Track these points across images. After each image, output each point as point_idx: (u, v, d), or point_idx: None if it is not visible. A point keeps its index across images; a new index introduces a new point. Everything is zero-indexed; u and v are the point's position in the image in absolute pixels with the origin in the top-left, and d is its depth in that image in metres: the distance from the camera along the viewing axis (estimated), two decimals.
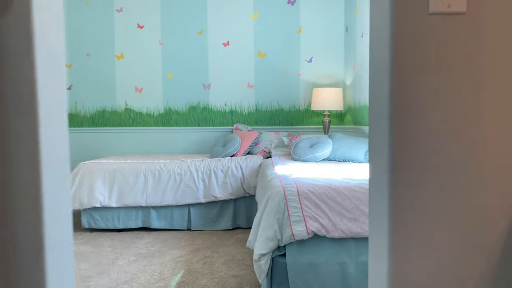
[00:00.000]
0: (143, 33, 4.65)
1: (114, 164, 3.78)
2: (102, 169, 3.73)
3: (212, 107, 4.74)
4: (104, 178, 3.71)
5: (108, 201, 3.68)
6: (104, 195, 3.69)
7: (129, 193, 3.70)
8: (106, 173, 3.72)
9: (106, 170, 3.73)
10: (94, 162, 3.82)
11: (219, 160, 3.87)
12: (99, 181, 3.70)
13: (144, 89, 4.69)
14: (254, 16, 4.67)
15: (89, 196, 3.65)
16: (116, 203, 3.69)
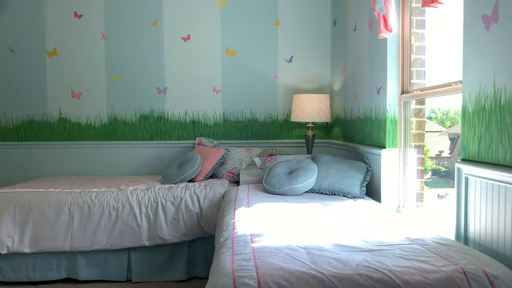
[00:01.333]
0: (81, 24, 3.70)
1: (29, 194, 2.84)
2: (13, 202, 2.79)
3: (169, 117, 3.82)
4: (15, 215, 2.77)
5: (18, 245, 2.74)
6: (14, 237, 2.74)
7: (47, 234, 2.77)
8: (18, 207, 2.78)
9: (18, 204, 2.79)
10: (3, 191, 2.87)
11: (170, 188, 2.96)
12: (8, 219, 2.75)
13: (83, 94, 3.74)
14: (221, 4, 3.77)
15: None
16: (30, 247, 2.76)
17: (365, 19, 2.81)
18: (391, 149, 2.47)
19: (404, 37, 2.42)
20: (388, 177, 2.47)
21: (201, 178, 3.23)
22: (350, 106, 3.24)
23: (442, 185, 2.66)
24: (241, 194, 2.48)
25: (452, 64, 2.44)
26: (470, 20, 1.56)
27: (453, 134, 2.60)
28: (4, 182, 3.66)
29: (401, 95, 2.45)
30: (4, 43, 3.65)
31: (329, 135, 3.91)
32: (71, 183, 3.19)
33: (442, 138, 2.73)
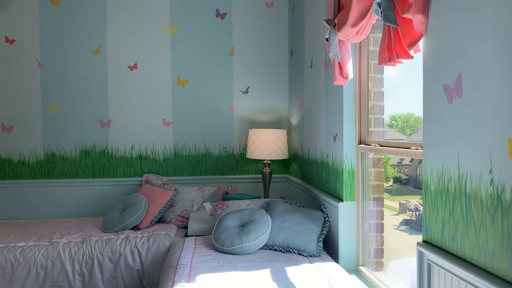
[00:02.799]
0: (14, 50, 3.33)
1: None
2: None
3: (114, 152, 3.49)
4: None
5: None
6: None
7: None
8: None
9: None
10: None
11: (108, 241, 2.65)
12: None
13: (15, 128, 3.36)
14: (171, 30, 3.51)
15: None
16: None
17: (321, 58, 2.64)
18: (349, 202, 2.28)
19: (361, 82, 2.26)
20: (346, 233, 2.29)
21: (146, 224, 2.93)
22: (307, 145, 3.06)
23: (403, 193, 2.52)
24: (185, 255, 2.21)
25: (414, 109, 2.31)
26: (431, 88, 1.39)
27: (414, 142, 2.45)
28: None
29: (358, 145, 2.27)
30: None
31: (287, 170, 3.71)
32: None
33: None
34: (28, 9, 3.32)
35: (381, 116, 2.28)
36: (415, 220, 2.29)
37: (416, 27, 1.37)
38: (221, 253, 2.28)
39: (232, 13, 3.58)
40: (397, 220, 2.44)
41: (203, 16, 3.54)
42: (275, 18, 3.64)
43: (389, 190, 2.43)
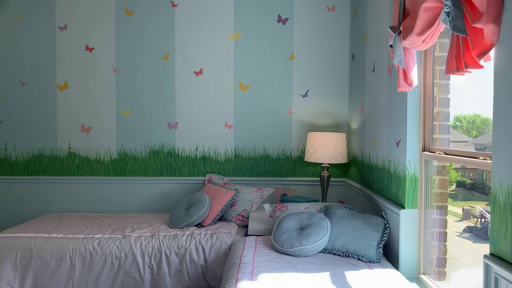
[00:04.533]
0: (93, 57, 3.64)
1: (31, 241, 2.75)
2: (15, 247, 2.71)
3: (180, 152, 3.70)
4: (16, 262, 2.69)
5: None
6: (14, 286, 2.66)
7: (48, 283, 2.68)
8: (19, 254, 2.70)
9: (20, 250, 2.71)
10: (5, 236, 2.80)
11: (175, 237, 2.83)
12: (8, 266, 2.68)
13: (93, 129, 3.67)
14: (234, 37, 3.65)
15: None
16: None
17: (384, 63, 2.62)
18: (411, 209, 2.26)
19: (426, 88, 2.23)
20: (407, 240, 2.26)
21: (209, 222, 3.09)
22: (368, 150, 3.05)
23: (467, 198, 2.43)
24: (246, 254, 2.32)
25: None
26: (502, 99, 1.36)
27: (480, 145, 2.37)
28: (13, 216, 3.63)
29: (422, 152, 2.24)
30: (16, 77, 3.62)
31: (345, 174, 3.71)
32: (75, 225, 3.10)
33: (468, 148, 2.50)
34: (106, 19, 3.61)
35: (446, 123, 2.23)
36: (480, 227, 2.21)
37: (487, 36, 1.35)
38: (281, 254, 2.36)
39: (294, 18, 3.65)
40: (460, 227, 2.36)
41: (265, 23, 3.64)
42: (336, 22, 3.65)
43: (452, 195, 2.36)
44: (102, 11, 3.61)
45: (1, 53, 3.61)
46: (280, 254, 2.35)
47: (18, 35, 3.61)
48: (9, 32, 3.61)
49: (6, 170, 3.66)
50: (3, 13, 3.58)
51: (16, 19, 3.60)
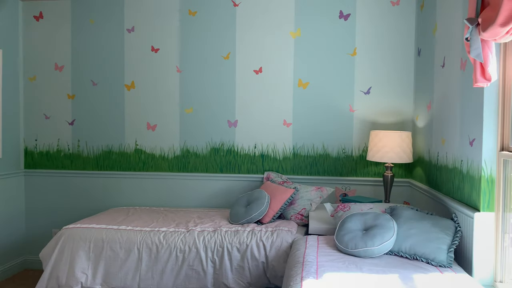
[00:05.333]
0: (158, 57, 3.79)
1: (103, 232, 2.92)
2: (88, 238, 2.90)
3: (239, 150, 3.75)
4: (89, 251, 2.87)
5: (91, 282, 2.83)
6: (87, 273, 2.84)
7: (117, 273, 2.83)
8: (92, 244, 2.87)
9: (93, 240, 2.88)
10: (80, 227, 2.99)
11: (236, 233, 2.87)
12: (83, 255, 2.86)
13: (158, 127, 3.82)
14: (295, 35, 3.63)
15: (68, 274, 2.82)
16: (102, 285, 2.83)
17: (456, 57, 2.48)
18: (487, 213, 2.12)
19: (506, 84, 2.08)
20: (481, 245, 2.13)
21: (268, 219, 3.10)
22: (435, 149, 2.90)
23: None
24: (309, 253, 2.30)
25: None
26: None
27: None
28: (84, 208, 3.88)
29: (500, 151, 2.09)
30: (88, 77, 3.86)
31: (410, 175, 3.56)
32: (142, 218, 3.25)
33: None
34: (170, 20, 3.74)
35: None
36: None
37: None
38: (344, 254, 2.31)
39: (356, 14, 3.56)
40: None
41: (326, 19, 3.59)
42: (400, 16, 3.51)
43: None
44: (167, 13, 3.75)
45: (76, 55, 3.86)
46: (343, 255, 2.31)
47: (90, 38, 3.84)
48: (83, 36, 3.85)
49: (79, 165, 3.91)
50: (78, 19, 3.83)
51: (89, 23, 3.84)
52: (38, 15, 3.89)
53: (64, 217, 3.90)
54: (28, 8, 3.89)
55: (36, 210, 3.97)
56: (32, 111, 3.94)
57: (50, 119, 3.92)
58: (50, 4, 3.86)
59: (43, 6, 3.88)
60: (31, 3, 3.88)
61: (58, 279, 2.84)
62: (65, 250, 2.87)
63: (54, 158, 3.93)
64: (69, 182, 3.91)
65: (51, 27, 3.88)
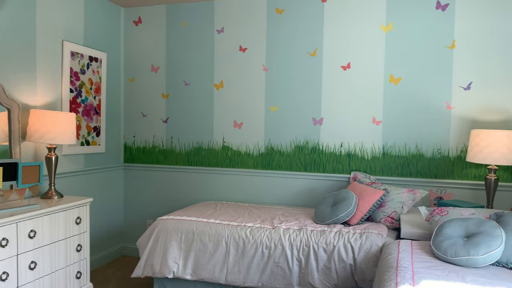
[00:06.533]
0: (245, 57, 3.87)
1: (193, 224, 3.06)
2: (180, 229, 3.05)
3: (324, 148, 3.68)
4: (181, 242, 3.01)
5: (182, 271, 2.97)
6: (179, 263, 2.99)
7: (206, 264, 2.93)
8: (184, 235, 3.02)
9: (184, 231, 3.03)
10: (173, 218, 3.16)
11: (323, 233, 2.81)
12: (175, 245, 3.01)
13: (244, 124, 3.90)
14: (386, 29, 3.46)
15: (161, 263, 3.00)
16: (192, 275, 2.96)
17: None
18: None
19: None
20: None
21: (356, 221, 2.99)
22: None
23: None
24: (403, 258, 2.16)
25: None
26: None
27: None
28: (176, 200, 4.10)
29: None
30: (181, 78, 4.07)
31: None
32: (229, 213, 3.34)
33: None
34: (258, 20, 3.80)
35: None
36: None
37: None
38: (443, 262, 2.14)
39: (455, 3, 3.28)
40: None
41: (420, 11, 3.36)
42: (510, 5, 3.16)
43: None
44: (255, 12, 3.80)
45: (170, 57, 4.10)
46: (441, 262, 2.14)
47: (183, 40, 4.05)
48: (177, 38, 4.07)
49: (171, 160, 4.14)
50: (172, 22, 4.05)
51: (182, 26, 4.05)
52: (137, 20, 4.19)
53: (157, 208, 4.17)
54: (129, 14, 4.22)
55: (132, 201, 4.29)
56: (131, 110, 4.27)
57: (147, 117, 4.21)
58: (148, 9, 4.14)
59: (141, 11, 4.17)
60: (131, 9, 4.20)
61: (152, 267, 3.02)
62: (159, 239, 3.05)
63: (150, 153, 4.21)
64: (163, 176, 4.17)
65: (148, 31, 4.16)
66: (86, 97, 3.71)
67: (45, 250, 2.70)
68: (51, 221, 2.74)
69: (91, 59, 3.76)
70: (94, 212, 3.81)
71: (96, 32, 3.83)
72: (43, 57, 3.23)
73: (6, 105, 2.84)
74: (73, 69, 3.54)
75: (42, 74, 3.23)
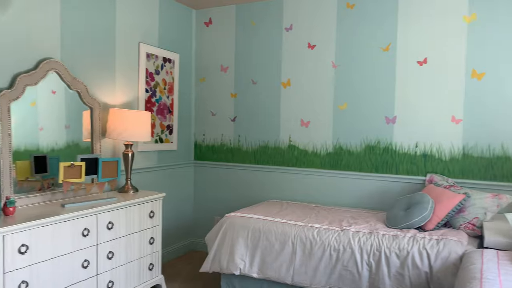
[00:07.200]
0: (314, 54, 3.80)
1: (260, 222, 3.06)
2: (246, 226, 3.07)
3: (397, 148, 3.49)
4: (247, 239, 3.03)
5: (249, 269, 2.99)
6: (245, 261, 3.01)
7: (272, 263, 2.92)
8: (250, 233, 3.03)
9: (251, 229, 3.04)
10: (240, 215, 3.19)
11: (395, 237, 2.66)
12: (241, 242, 3.04)
13: (311, 123, 3.83)
14: (469, 19, 3.20)
15: (229, 259, 3.04)
16: (258, 273, 2.97)
17: None
18: None
19: None
20: None
21: (432, 226, 2.80)
22: None
23: None
24: (488, 269, 1.97)
25: None
26: None
27: None
28: (242, 198, 4.15)
29: None
30: (248, 77, 4.10)
31: None
32: (295, 213, 3.30)
33: None
34: (328, 15, 3.71)
35: None
36: None
37: None
38: None
39: None
40: None
41: None
42: None
43: None
44: (324, 8, 3.72)
45: (238, 56, 4.15)
46: None
47: (251, 40, 4.08)
48: (245, 37, 4.11)
49: (239, 158, 4.19)
50: (241, 22, 4.10)
51: (250, 25, 4.08)
52: (208, 21, 4.30)
53: (224, 205, 4.25)
54: (200, 15, 4.34)
55: (201, 197, 4.41)
56: (201, 109, 4.39)
57: (216, 116, 4.30)
58: (218, 10, 4.23)
59: (212, 12, 4.27)
60: (202, 11, 4.32)
61: (220, 263, 3.08)
62: (227, 236, 3.09)
63: (218, 151, 4.30)
64: (230, 174, 4.23)
65: (218, 32, 4.25)
66: (160, 96, 3.88)
67: (121, 242, 2.85)
68: (127, 214, 2.90)
69: (164, 60, 3.92)
70: (165, 206, 3.98)
71: (169, 34, 3.99)
72: (121, 59, 3.43)
73: (89, 104, 3.05)
74: (148, 69, 3.72)
75: (120, 75, 3.43)
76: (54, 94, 2.85)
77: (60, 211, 2.49)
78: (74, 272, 2.50)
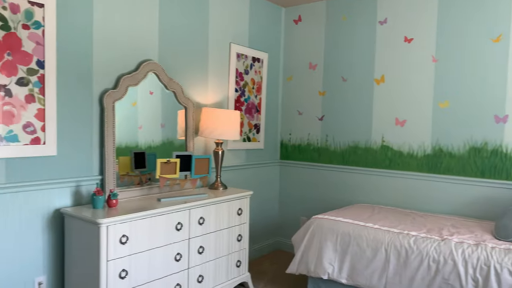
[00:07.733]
0: (411, 48, 3.53)
1: (350, 227, 2.92)
2: (335, 230, 2.95)
3: (509, 151, 3.10)
4: (336, 243, 2.91)
5: (337, 274, 2.87)
6: (334, 265, 2.89)
7: (363, 270, 2.76)
8: (339, 237, 2.91)
9: (339, 233, 2.92)
10: (328, 218, 3.08)
11: (508, 251, 2.35)
12: (330, 246, 2.93)
13: (407, 122, 3.57)
14: None
15: (316, 263, 2.95)
16: (347, 279, 2.83)
17: None
18: None
19: None
20: None
21: None
22: None
23: None
24: None
25: None
26: None
27: None
28: (329, 200, 4.03)
29: None
30: (338, 74, 3.96)
31: None
32: (388, 218, 3.09)
33: None
34: (428, 6, 3.42)
35: None
36: None
37: None
38: None
39: None
40: None
41: None
42: None
43: None
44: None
45: (328, 53, 4.03)
46: None
47: (342, 36, 3.93)
48: (335, 34, 3.97)
49: (326, 159, 4.07)
50: (332, 18, 3.97)
51: (341, 21, 3.93)
52: (297, 18, 4.24)
53: (310, 206, 4.16)
54: (289, 13, 4.30)
55: (287, 197, 4.37)
56: (287, 108, 4.35)
57: (302, 115, 4.23)
58: (308, 6, 4.15)
59: (302, 9, 4.20)
60: (292, 8, 4.27)
61: (307, 265, 3.00)
62: (314, 238, 3.00)
63: (304, 150, 4.22)
64: (316, 174, 4.13)
65: (308, 29, 4.16)
66: (248, 96, 3.92)
67: (211, 237, 2.92)
68: (217, 210, 2.96)
69: (254, 59, 3.95)
70: (251, 204, 4.01)
71: (259, 33, 4.01)
72: (213, 59, 3.52)
73: (184, 104, 3.18)
74: (238, 69, 3.77)
75: (212, 75, 3.52)
76: (151, 94, 3.01)
77: (156, 205, 2.62)
78: (168, 264, 2.61)
